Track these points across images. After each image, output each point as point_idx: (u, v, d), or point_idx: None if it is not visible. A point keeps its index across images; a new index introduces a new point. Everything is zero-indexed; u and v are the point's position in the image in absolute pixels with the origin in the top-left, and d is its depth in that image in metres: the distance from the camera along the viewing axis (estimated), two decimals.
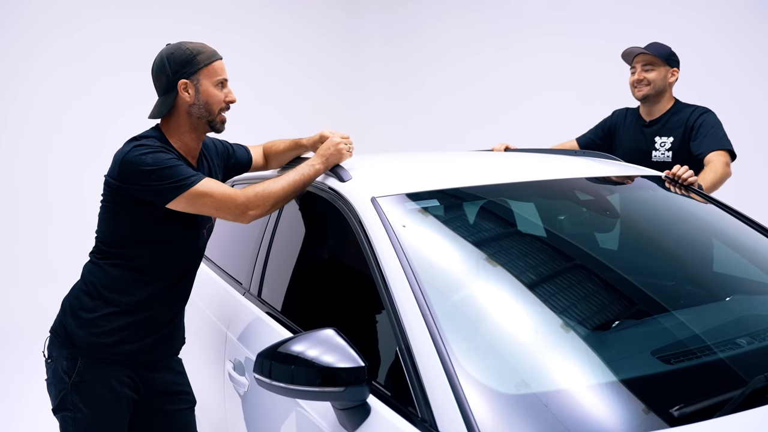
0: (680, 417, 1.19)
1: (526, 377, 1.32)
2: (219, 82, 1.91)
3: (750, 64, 4.23)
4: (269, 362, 1.38)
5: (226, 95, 1.93)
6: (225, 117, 1.96)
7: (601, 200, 2.05)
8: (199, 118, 1.90)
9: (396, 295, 1.45)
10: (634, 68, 2.89)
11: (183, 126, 1.91)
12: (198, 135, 1.94)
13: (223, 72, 1.93)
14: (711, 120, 2.76)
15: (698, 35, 4.37)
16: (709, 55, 4.34)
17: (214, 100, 1.90)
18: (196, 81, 1.88)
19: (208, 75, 1.89)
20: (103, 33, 5.54)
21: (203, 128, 1.93)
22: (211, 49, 1.94)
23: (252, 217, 1.85)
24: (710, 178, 2.51)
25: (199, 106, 1.89)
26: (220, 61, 1.94)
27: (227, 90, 1.94)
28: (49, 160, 5.37)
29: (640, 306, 1.64)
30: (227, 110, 1.95)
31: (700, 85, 4.21)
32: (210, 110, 1.90)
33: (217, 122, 1.93)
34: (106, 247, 1.88)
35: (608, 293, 1.67)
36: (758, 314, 1.71)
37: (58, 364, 1.87)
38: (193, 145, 1.94)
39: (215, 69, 1.91)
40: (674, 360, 1.38)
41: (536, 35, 5.51)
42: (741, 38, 4.25)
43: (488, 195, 1.90)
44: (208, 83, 1.89)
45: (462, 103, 6.21)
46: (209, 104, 1.90)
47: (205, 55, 1.90)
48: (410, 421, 1.29)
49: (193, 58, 1.88)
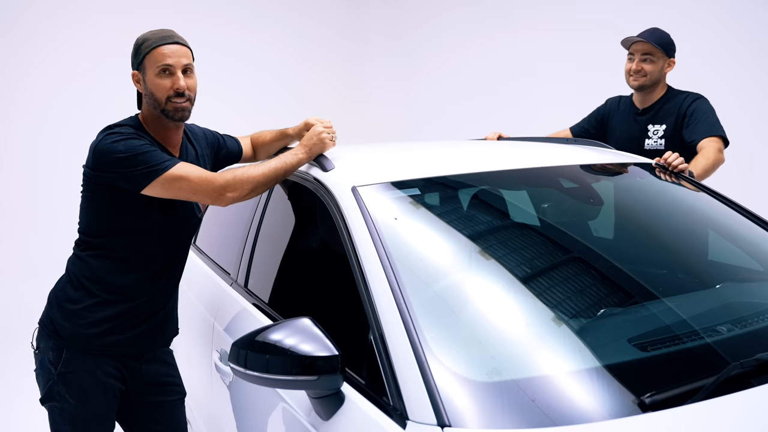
0: (652, 404, 1.17)
1: (499, 365, 1.31)
2: (161, 69, 1.80)
3: (748, 55, 4.17)
4: (245, 352, 1.38)
5: (173, 83, 1.81)
6: (179, 104, 1.82)
7: (585, 187, 2.03)
8: (154, 109, 1.84)
9: (372, 285, 1.44)
10: (632, 56, 2.85)
11: (150, 116, 1.88)
12: (165, 125, 1.88)
13: (166, 58, 1.80)
14: (703, 107, 2.73)
15: (698, 27, 4.32)
16: (709, 46, 4.29)
17: (157, 88, 1.81)
18: (143, 71, 1.84)
19: (150, 64, 1.81)
20: (104, 31, 5.56)
21: (164, 118, 1.85)
22: (163, 34, 1.83)
23: (230, 200, 1.82)
24: (702, 165, 2.48)
25: (149, 97, 1.84)
26: (168, 45, 1.81)
27: (175, 77, 1.81)
28: (38, 156, 5.40)
29: (623, 293, 1.63)
30: (181, 98, 1.82)
31: (698, 75, 4.17)
32: (156, 100, 1.82)
33: (169, 110, 1.82)
34: (87, 237, 1.88)
35: (589, 281, 1.66)
36: (743, 301, 1.70)
37: (45, 354, 1.88)
38: (167, 134, 1.90)
39: (155, 56, 1.80)
40: (651, 347, 1.37)
41: (537, 28, 5.47)
42: (740, 28, 4.20)
43: (470, 183, 1.88)
44: (151, 72, 1.81)
45: (464, 96, 6.18)
46: (153, 94, 1.82)
47: (149, 42, 1.82)
48: (383, 410, 1.28)
49: (139, 47, 1.84)
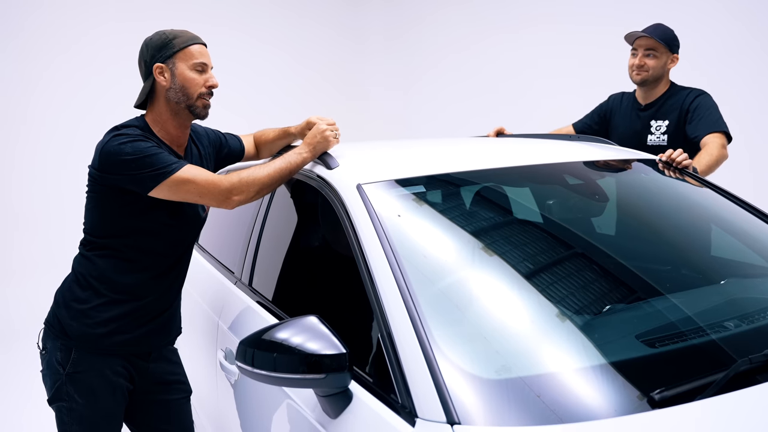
0: (661, 400, 1.17)
1: (507, 362, 1.31)
2: (196, 65, 1.86)
3: (759, 46, 4.14)
4: (252, 350, 1.38)
5: (206, 80, 1.88)
6: (208, 102, 1.90)
7: (591, 184, 2.03)
8: (177, 103, 1.86)
9: (379, 282, 1.44)
10: (635, 51, 2.85)
11: (164, 113, 1.88)
12: (180, 122, 1.90)
13: (201, 56, 1.88)
14: (706, 102, 2.73)
15: (700, 16, 4.30)
16: (714, 39, 4.27)
17: (191, 83, 1.85)
18: (172, 65, 1.85)
19: (184, 58, 1.85)
20: (104, 30, 5.57)
21: (184, 114, 1.88)
22: (192, 34, 1.90)
23: (236, 202, 1.82)
24: (705, 161, 2.48)
25: (176, 90, 1.85)
26: (201, 45, 1.89)
27: (208, 75, 1.89)
28: (47, 155, 5.42)
29: (628, 290, 1.62)
30: (210, 96, 1.90)
31: (706, 68, 4.16)
32: (187, 94, 1.86)
33: (197, 107, 1.88)
34: (93, 237, 1.88)
35: (595, 277, 1.65)
36: (749, 297, 1.70)
37: (52, 355, 1.87)
38: (177, 132, 1.91)
39: (192, 52, 1.86)
40: (659, 343, 1.37)
41: (536, 23, 5.46)
42: (748, 20, 4.17)
43: (475, 180, 1.88)
44: (184, 66, 1.85)
45: (464, 93, 6.17)
46: (186, 88, 1.85)
47: (182, 39, 1.87)
48: (391, 408, 1.28)
49: (168, 42, 1.85)
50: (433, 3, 6.50)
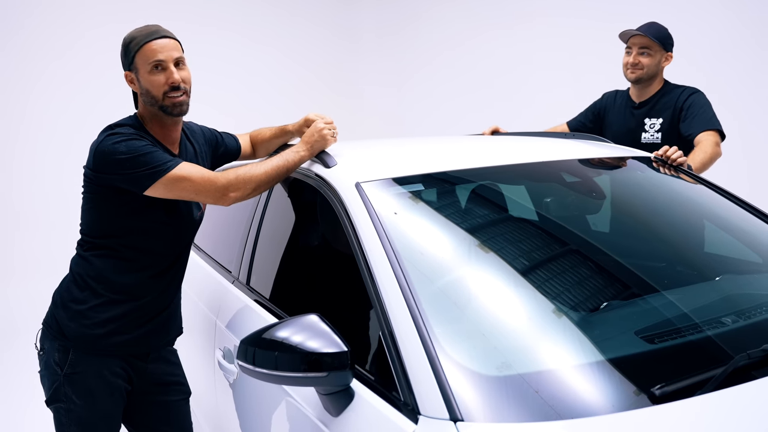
0: (662, 396, 1.18)
1: (509, 359, 1.31)
2: (153, 65, 1.79)
3: (755, 42, 4.14)
4: (253, 349, 1.38)
5: (168, 77, 1.79)
6: (177, 99, 1.81)
7: (588, 182, 2.04)
8: (151, 106, 1.83)
9: (379, 280, 1.44)
10: (629, 49, 2.86)
11: (147, 115, 1.87)
12: (163, 122, 1.87)
13: (157, 53, 1.78)
14: (700, 100, 2.75)
15: (699, 14, 4.32)
16: (710, 34, 4.28)
17: (153, 85, 1.79)
18: (135, 70, 1.82)
19: (141, 61, 1.80)
20: (94, 31, 5.55)
21: (161, 115, 1.84)
22: (147, 30, 1.82)
23: (233, 199, 1.81)
24: (700, 158, 2.51)
25: (144, 95, 1.82)
26: (156, 41, 1.79)
27: (168, 72, 1.80)
28: (47, 155, 5.41)
29: (626, 287, 1.64)
30: (176, 91, 1.81)
31: (702, 64, 4.18)
32: (153, 97, 1.81)
33: (167, 106, 1.81)
34: (90, 238, 1.87)
35: (593, 275, 1.67)
36: (745, 293, 1.71)
37: (50, 356, 1.86)
38: (168, 132, 1.89)
39: (146, 53, 1.79)
40: (658, 339, 1.38)
41: (529, 20, 5.49)
42: (745, 16, 4.16)
43: (473, 178, 1.89)
44: (144, 70, 1.80)
45: (457, 90, 6.19)
46: (150, 91, 1.80)
47: (138, 39, 1.80)
48: (393, 405, 1.29)
49: (127, 46, 1.82)
50: (426, 1, 6.51)
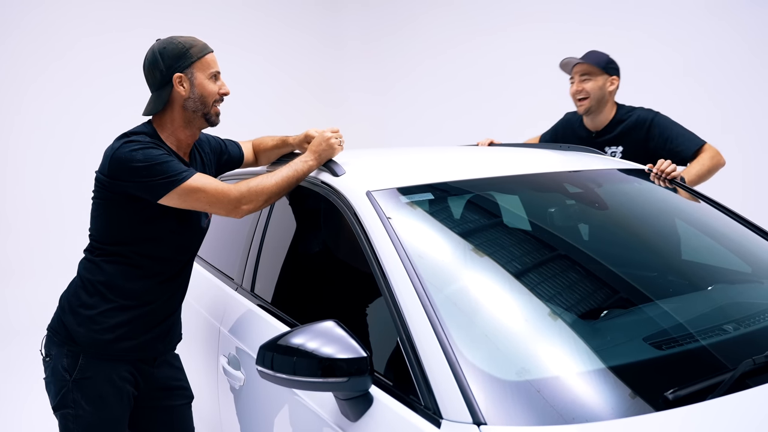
0: (674, 400, 1.23)
1: (527, 364, 1.35)
2: (212, 74, 1.92)
3: (748, 49, 4.17)
4: (271, 354, 1.40)
5: (220, 87, 1.94)
6: (219, 109, 1.96)
7: (591, 193, 2.10)
8: (194, 112, 1.90)
9: (395, 286, 1.47)
10: (572, 78, 2.87)
11: (177, 121, 1.91)
12: (192, 130, 1.94)
13: (215, 64, 1.94)
14: (667, 122, 2.74)
15: (683, 20, 4.41)
16: (698, 38, 4.35)
17: (209, 92, 1.90)
18: (191, 74, 1.88)
19: (201, 68, 1.90)
20: (95, 34, 5.55)
21: (198, 122, 1.93)
22: (203, 42, 1.94)
23: (245, 211, 1.85)
24: (695, 170, 2.57)
25: (195, 100, 1.89)
26: (212, 53, 1.95)
27: (221, 82, 1.95)
28: (45, 156, 5.40)
29: (631, 296, 1.69)
30: (221, 102, 1.96)
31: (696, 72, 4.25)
32: (205, 103, 1.90)
33: (212, 114, 1.94)
34: (101, 244, 1.88)
35: (600, 284, 1.72)
36: (740, 302, 1.78)
37: (57, 361, 1.85)
38: (186, 140, 1.94)
39: (208, 62, 1.91)
40: (666, 346, 1.43)
41: (512, 26, 5.58)
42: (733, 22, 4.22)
43: (482, 188, 1.93)
44: (202, 76, 1.90)
45: (441, 96, 6.28)
46: (204, 97, 1.90)
47: (198, 48, 1.91)
48: (413, 409, 1.31)
49: (186, 51, 1.88)
50: (409, 8, 6.59)
